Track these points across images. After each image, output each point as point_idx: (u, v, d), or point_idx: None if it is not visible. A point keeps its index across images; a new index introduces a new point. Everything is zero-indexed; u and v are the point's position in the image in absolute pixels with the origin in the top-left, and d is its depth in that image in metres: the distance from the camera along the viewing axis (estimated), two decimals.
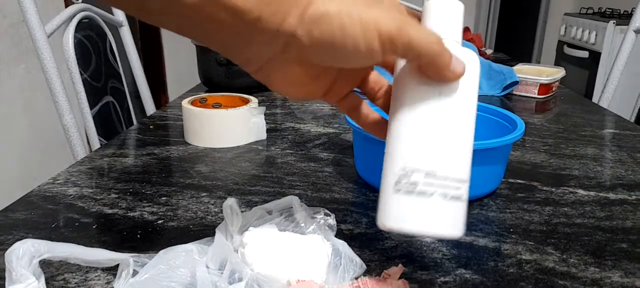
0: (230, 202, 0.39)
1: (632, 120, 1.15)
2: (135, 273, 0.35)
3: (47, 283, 0.35)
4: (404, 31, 0.26)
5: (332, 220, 0.42)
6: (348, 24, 0.26)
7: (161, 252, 0.36)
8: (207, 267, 0.36)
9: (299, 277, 0.35)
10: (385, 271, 0.39)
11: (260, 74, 0.30)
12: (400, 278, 0.38)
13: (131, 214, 0.49)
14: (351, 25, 0.26)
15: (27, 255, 0.30)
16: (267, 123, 0.75)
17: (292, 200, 0.42)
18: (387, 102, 0.33)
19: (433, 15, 0.31)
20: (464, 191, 0.31)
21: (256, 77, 0.30)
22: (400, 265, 0.40)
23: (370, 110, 0.35)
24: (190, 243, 0.37)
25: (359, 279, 0.37)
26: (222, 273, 0.35)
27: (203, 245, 0.38)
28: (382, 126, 0.34)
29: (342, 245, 0.39)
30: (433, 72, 0.28)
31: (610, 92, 1.16)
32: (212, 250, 0.37)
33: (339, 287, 0.36)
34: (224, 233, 0.38)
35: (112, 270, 0.38)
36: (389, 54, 0.27)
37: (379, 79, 0.35)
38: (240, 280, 0.34)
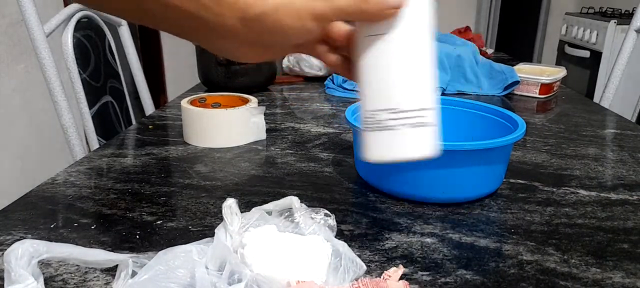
0: (230, 202, 0.38)
1: (633, 120, 1.15)
2: (134, 274, 0.35)
3: (46, 284, 0.35)
4: (334, 5, 0.31)
5: (332, 221, 0.42)
6: (285, 17, 0.30)
7: (160, 252, 0.36)
8: (207, 268, 0.36)
9: (299, 277, 0.35)
10: (385, 272, 0.39)
11: (217, 51, 0.34)
12: (400, 279, 0.38)
13: (130, 215, 0.49)
14: (288, 17, 0.30)
15: (26, 255, 0.30)
16: (266, 123, 0.75)
17: (292, 200, 0.42)
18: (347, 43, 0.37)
19: None
20: (428, 117, 0.35)
21: (214, 52, 0.35)
22: (400, 266, 0.39)
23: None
24: (189, 244, 0.37)
25: (359, 280, 0.36)
26: (221, 274, 0.35)
27: (202, 246, 0.37)
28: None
29: (342, 245, 0.38)
30: (371, 18, 0.33)
31: (611, 92, 1.16)
32: (212, 251, 0.36)
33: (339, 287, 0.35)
34: (223, 234, 0.38)
35: (111, 271, 0.38)
36: (325, 27, 0.33)
37: (337, 27, 0.37)
38: (239, 281, 0.33)
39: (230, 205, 0.38)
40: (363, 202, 0.52)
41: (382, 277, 0.38)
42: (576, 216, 0.50)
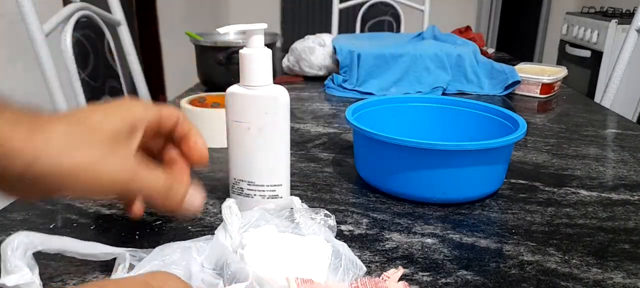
0: (229, 202, 0.38)
1: (635, 120, 1.15)
2: (131, 267, 0.35)
3: (45, 284, 0.35)
4: (134, 182, 0.31)
5: (332, 221, 0.42)
6: (78, 178, 0.28)
7: (158, 248, 0.36)
8: (203, 265, 0.35)
9: (299, 277, 0.35)
10: (384, 273, 0.38)
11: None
12: (400, 280, 0.38)
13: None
14: (81, 179, 0.29)
15: (21, 246, 0.31)
16: None
17: (293, 200, 0.41)
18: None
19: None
20: (280, 190, 0.47)
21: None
22: (400, 267, 0.39)
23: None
24: (188, 241, 0.37)
25: (358, 280, 0.36)
26: (217, 272, 0.35)
27: (202, 243, 0.37)
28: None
29: (342, 246, 0.38)
30: (167, 210, 0.35)
31: (612, 92, 1.16)
32: (209, 249, 0.36)
33: (335, 283, 0.35)
34: (223, 235, 0.38)
35: (111, 272, 0.38)
36: (122, 195, 0.33)
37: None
38: (240, 281, 0.33)
39: (229, 206, 0.38)
40: (363, 202, 0.52)
41: (381, 277, 0.38)
42: (577, 216, 0.49)
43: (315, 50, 1.11)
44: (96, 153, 0.29)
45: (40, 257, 0.40)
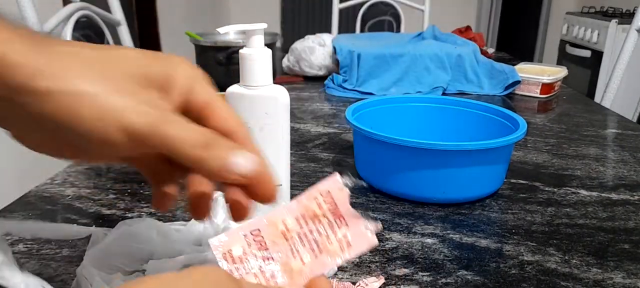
0: (218, 194, 0.39)
1: (635, 120, 1.15)
2: None
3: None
4: (157, 129, 0.23)
5: None
6: (79, 108, 0.22)
7: (121, 222, 0.39)
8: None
9: None
10: (361, 280, 0.38)
11: (19, 139, 0.25)
12: None
13: (130, 215, 0.48)
14: (83, 110, 0.22)
15: None
16: None
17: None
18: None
19: None
20: (280, 190, 0.39)
21: (19, 141, 0.25)
22: (380, 276, 0.39)
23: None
24: (155, 220, 0.40)
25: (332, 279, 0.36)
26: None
27: (169, 226, 0.40)
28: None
29: None
30: (205, 175, 0.26)
31: (612, 92, 1.16)
32: (185, 230, 0.38)
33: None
34: (201, 224, 0.39)
35: None
36: (142, 149, 0.23)
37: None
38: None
39: (216, 198, 0.39)
40: (363, 202, 0.52)
41: (357, 284, 0.37)
42: (577, 216, 0.49)
43: (315, 50, 1.11)
44: (113, 83, 0.23)
45: (40, 258, 0.40)
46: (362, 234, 0.26)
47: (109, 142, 0.23)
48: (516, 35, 3.65)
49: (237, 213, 0.27)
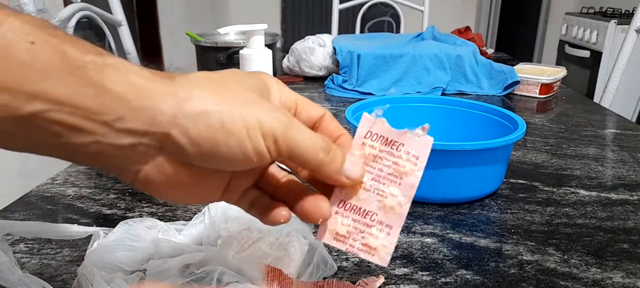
0: None
1: (634, 120, 1.15)
2: None
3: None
4: (288, 133, 0.24)
5: None
6: (229, 122, 0.23)
7: (122, 222, 0.39)
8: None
9: (270, 266, 0.35)
10: (362, 279, 0.38)
11: (139, 182, 0.25)
12: None
13: (130, 215, 0.49)
14: (233, 123, 0.23)
15: None
16: None
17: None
18: (287, 194, 0.29)
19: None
20: None
21: (136, 186, 0.25)
22: (380, 276, 0.39)
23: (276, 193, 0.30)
24: (155, 220, 0.40)
25: (325, 280, 0.36)
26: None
27: (169, 226, 0.40)
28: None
29: (319, 244, 0.38)
30: (322, 177, 0.27)
31: (611, 92, 1.16)
32: (187, 229, 0.38)
33: (303, 283, 0.35)
34: (201, 219, 0.39)
35: None
36: (274, 155, 0.25)
37: (275, 170, 0.31)
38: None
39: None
40: None
41: (357, 283, 0.37)
42: (576, 216, 0.50)
43: (315, 51, 1.11)
44: (245, 96, 0.25)
45: (41, 257, 0.41)
46: (418, 142, 0.28)
47: (255, 151, 0.24)
48: (515, 36, 3.66)
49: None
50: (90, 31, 1.05)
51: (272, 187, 0.30)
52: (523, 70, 1.05)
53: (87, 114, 0.21)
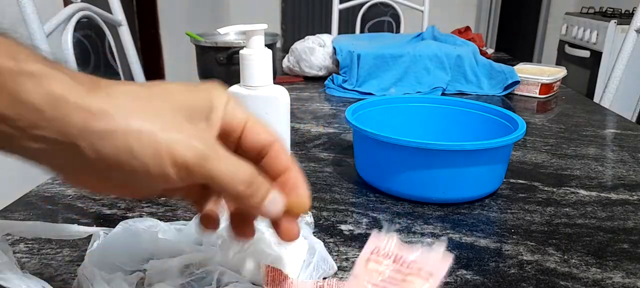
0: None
1: (634, 120, 1.15)
2: None
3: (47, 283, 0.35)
4: (205, 163, 0.24)
5: (309, 218, 0.42)
6: (137, 146, 0.23)
7: (123, 222, 0.39)
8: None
9: (270, 265, 0.35)
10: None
11: (63, 178, 0.26)
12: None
13: (130, 214, 0.49)
14: (141, 148, 0.23)
15: None
16: None
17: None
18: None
19: None
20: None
21: (62, 181, 0.27)
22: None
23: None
24: (155, 220, 0.40)
25: (325, 280, 0.36)
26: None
27: (169, 225, 0.40)
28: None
29: (319, 244, 0.39)
30: (243, 208, 0.27)
31: (611, 92, 1.16)
32: (186, 230, 0.39)
33: (303, 283, 0.35)
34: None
35: None
36: (190, 182, 0.25)
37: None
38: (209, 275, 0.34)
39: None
40: (363, 202, 0.52)
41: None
42: (576, 216, 0.50)
43: (315, 51, 1.11)
44: (164, 118, 0.24)
45: (41, 257, 0.41)
46: (434, 258, 0.27)
47: (162, 176, 0.24)
48: (515, 36, 3.66)
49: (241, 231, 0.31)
50: (90, 31, 1.05)
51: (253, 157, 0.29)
52: (523, 70, 1.05)
53: (2, 118, 0.22)
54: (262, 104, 0.43)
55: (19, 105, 0.22)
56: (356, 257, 0.41)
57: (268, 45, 0.44)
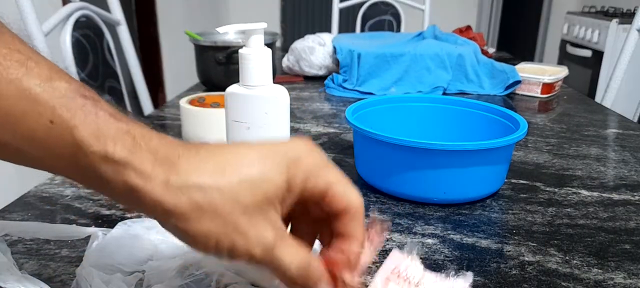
0: None
1: (635, 119, 1.15)
2: None
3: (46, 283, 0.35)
4: (271, 254, 0.26)
5: None
6: (208, 245, 0.25)
7: (121, 223, 0.39)
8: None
9: None
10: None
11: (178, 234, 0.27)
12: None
13: (129, 215, 0.48)
14: (212, 247, 0.25)
15: None
16: None
17: None
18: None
19: None
20: None
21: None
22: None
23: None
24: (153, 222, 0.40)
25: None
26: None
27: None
28: None
29: (316, 243, 0.38)
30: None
31: (613, 92, 1.16)
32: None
33: None
34: None
35: None
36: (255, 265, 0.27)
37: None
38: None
39: None
40: (363, 203, 0.52)
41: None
42: (578, 216, 0.49)
43: (315, 50, 1.11)
44: (236, 215, 0.25)
45: (40, 258, 0.40)
46: (453, 284, 0.27)
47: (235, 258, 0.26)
48: (517, 35, 3.65)
49: None
50: (88, 30, 1.05)
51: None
52: (524, 69, 1.05)
53: (100, 186, 0.25)
54: (262, 103, 0.42)
55: (106, 189, 0.24)
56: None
57: (268, 45, 0.44)
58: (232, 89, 0.44)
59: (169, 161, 0.24)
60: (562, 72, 1.05)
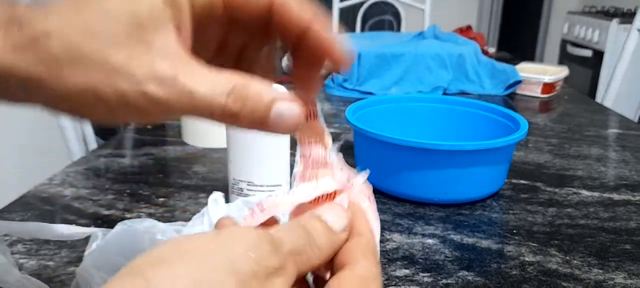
0: (216, 196, 0.39)
1: (636, 119, 1.15)
2: None
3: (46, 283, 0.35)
4: (174, 90, 0.19)
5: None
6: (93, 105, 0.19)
7: (121, 223, 0.38)
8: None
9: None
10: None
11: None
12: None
13: (128, 215, 0.48)
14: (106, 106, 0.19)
15: None
16: None
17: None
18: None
19: None
20: (280, 191, 0.46)
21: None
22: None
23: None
24: (154, 221, 0.40)
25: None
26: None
27: (168, 226, 0.40)
28: None
29: None
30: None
31: (613, 92, 1.15)
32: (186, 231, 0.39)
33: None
34: (200, 221, 0.39)
35: None
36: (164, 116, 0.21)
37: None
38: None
39: (216, 199, 0.39)
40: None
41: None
42: (578, 217, 0.49)
43: None
44: (100, 60, 0.19)
45: (39, 258, 0.40)
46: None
47: (138, 117, 0.20)
48: (517, 35, 3.65)
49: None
50: None
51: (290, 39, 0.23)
52: (525, 69, 1.05)
53: None
54: None
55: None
56: None
57: None
58: None
59: (11, 21, 0.19)
60: (563, 72, 1.05)
